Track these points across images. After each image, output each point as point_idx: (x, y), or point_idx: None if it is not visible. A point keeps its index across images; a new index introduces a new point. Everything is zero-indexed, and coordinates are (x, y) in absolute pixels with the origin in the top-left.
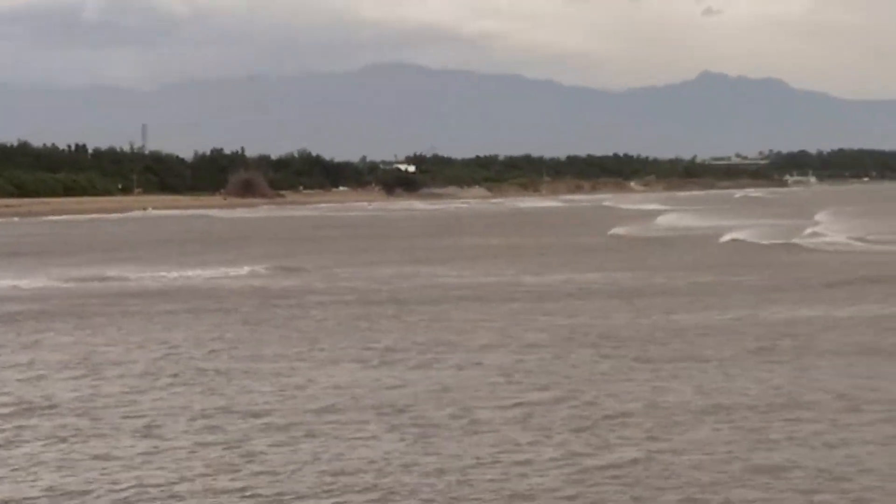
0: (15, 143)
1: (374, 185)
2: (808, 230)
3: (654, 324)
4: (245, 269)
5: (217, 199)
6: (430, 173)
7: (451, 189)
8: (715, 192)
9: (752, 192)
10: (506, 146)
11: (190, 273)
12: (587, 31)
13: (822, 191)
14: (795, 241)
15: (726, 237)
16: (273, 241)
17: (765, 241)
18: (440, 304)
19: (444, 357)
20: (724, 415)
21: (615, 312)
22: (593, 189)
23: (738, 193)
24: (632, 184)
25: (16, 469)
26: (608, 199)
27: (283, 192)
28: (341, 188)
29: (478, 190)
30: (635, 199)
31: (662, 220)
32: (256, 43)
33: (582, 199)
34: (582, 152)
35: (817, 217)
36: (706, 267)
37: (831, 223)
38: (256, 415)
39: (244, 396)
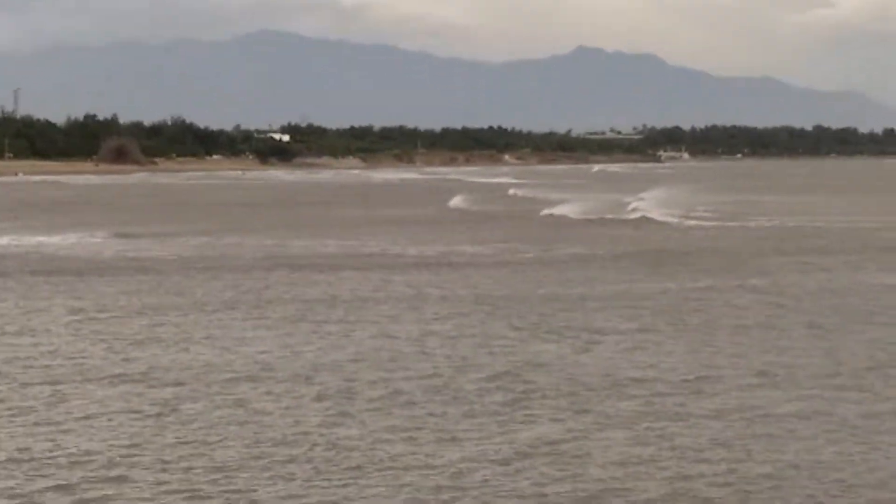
0: None
1: (248, 153)
2: (632, 206)
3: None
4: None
5: (89, 164)
6: (306, 143)
7: (325, 159)
8: (580, 167)
9: (612, 167)
10: (381, 117)
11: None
12: (465, 3)
13: (689, 167)
14: (611, 216)
15: (546, 211)
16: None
17: (580, 216)
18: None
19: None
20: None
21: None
22: (467, 161)
23: (597, 168)
24: (506, 157)
25: None
26: (475, 171)
27: (156, 160)
28: (215, 156)
29: (352, 160)
30: (500, 173)
31: (508, 194)
32: (132, 10)
33: (448, 172)
34: (457, 124)
35: (651, 193)
36: (503, 240)
37: (659, 199)
38: None
39: None
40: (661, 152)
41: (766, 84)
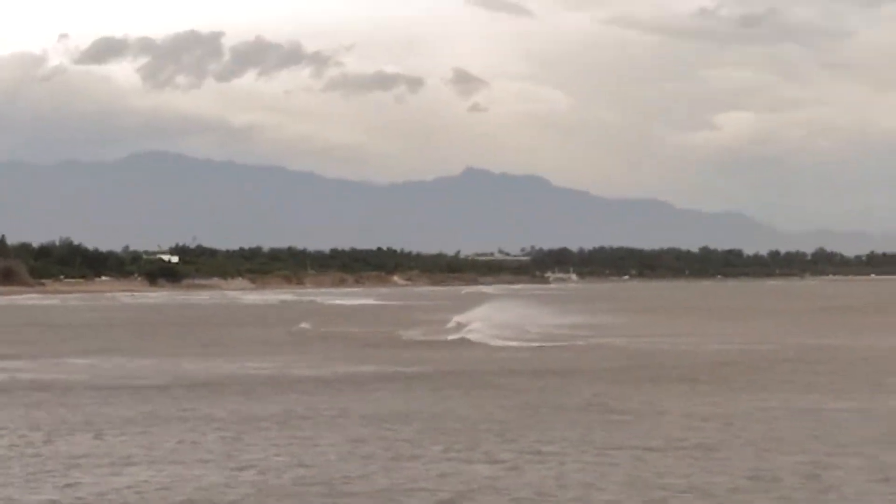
0: None
1: (137, 275)
2: (467, 327)
3: None
4: None
5: None
6: (195, 264)
7: (214, 280)
8: (448, 289)
9: (485, 289)
10: (270, 238)
11: None
12: (353, 125)
13: (572, 288)
14: (440, 337)
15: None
16: None
17: (417, 338)
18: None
19: None
20: None
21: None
22: (357, 283)
23: (466, 290)
24: (395, 278)
25: None
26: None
27: (44, 281)
28: (104, 278)
29: (241, 281)
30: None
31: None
32: (18, 131)
33: (312, 293)
34: (346, 245)
35: (500, 315)
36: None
37: (502, 320)
38: None
39: None
40: (549, 274)
41: (652, 205)
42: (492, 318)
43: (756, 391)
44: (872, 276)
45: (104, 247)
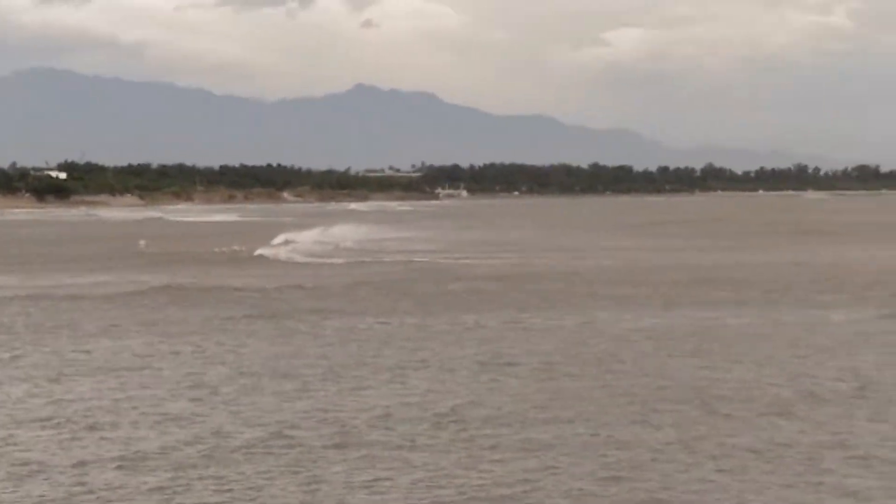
0: None
1: (24, 191)
2: (287, 245)
3: None
4: None
5: None
6: (83, 181)
7: (103, 197)
8: (333, 206)
9: (358, 206)
10: (160, 154)
11: None
12: (244, 41)
13: (458, 204)
14: (249, 254)
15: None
16: None
17: (224, 255)
18: None
19: None
20: None
21: None
22: (246, 199)
23: (352, 206)
24: (285, 194)
25: None
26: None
27: None
28: None
29: (130, 198)
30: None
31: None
32: None
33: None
34: (236, 162)
35: (333, 230)
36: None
37: (323, 237)
38: None
39: None
40: (439, 190)
41: (543, 122)
42: (324, 236)
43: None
44: (760, 191)
45: None
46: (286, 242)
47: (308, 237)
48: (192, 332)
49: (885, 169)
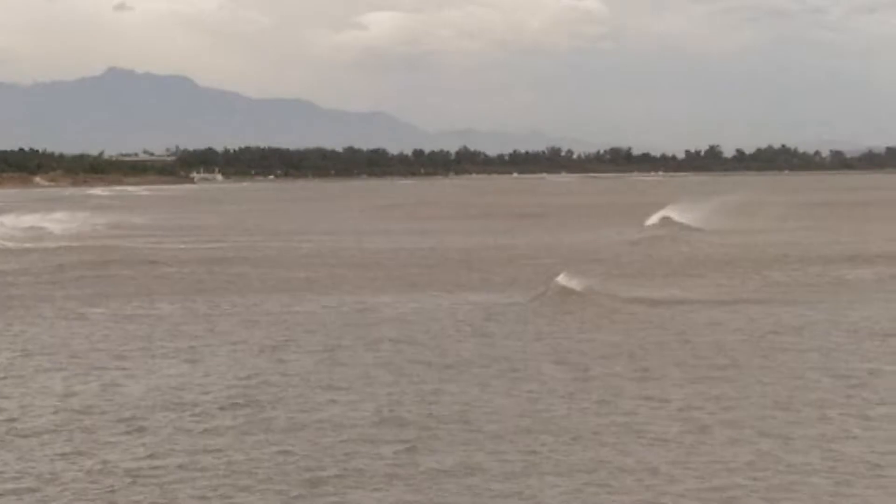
0: None
1: None
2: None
3: None
4: None
5: None
6: None
7: None
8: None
9: (101, 192)
10: None
11: None
12: None
13: (210, 188)
14: None
15: None
16: None
17: None
18: None
19: None
20: None
21: None
22: None
23: (93, 192)
24: (37, 178)
25: None
26: None
27: None
28: None
29: None
30: None
31: None
32: None
33: None
34: None
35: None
36: None
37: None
38: None
39: None
40: (194, 174)
41: (299, 105)
42: (41, 222)
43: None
44: (515, 174)
45: None
46: None
47: (23, 222)
48: None
49: (637, 152)
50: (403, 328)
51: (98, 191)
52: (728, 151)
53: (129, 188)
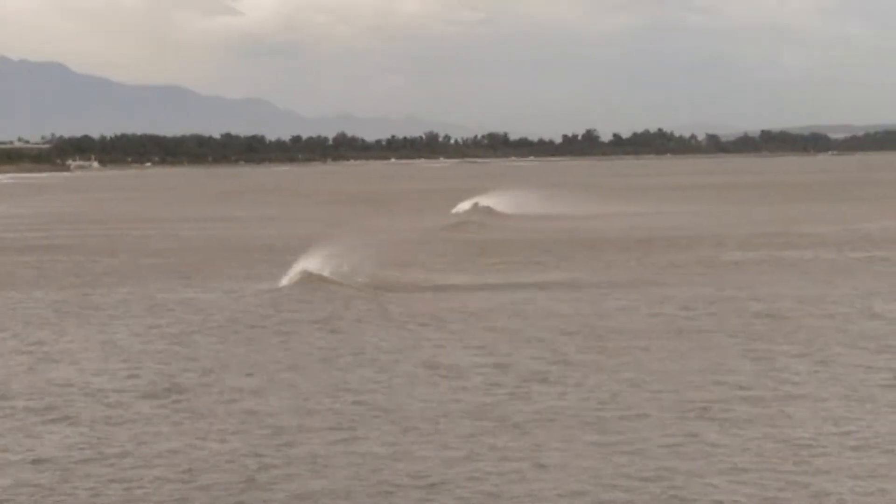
0: None
1: None
2: None
3: None
4: None
5: None
6: None
7: None
8: None
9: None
10: None
11: None
12: None
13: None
14: None
15: None
16: None
17: None
18: None
19: None
20: None
21: None
22: None
23: None
24: None
25: None
26: None
27: None
28: None
29: None
30: None
31: None
32: None
33: None
34: None
35: None
36: None
37: None
38: None
39: None
40: (70, 162)
41: (175, 92)
42: None
43: None
44: (393, 160)
45: None
46: None
47: None
48: None
49: (513, 136)
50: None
51: None
52: (605, 136)
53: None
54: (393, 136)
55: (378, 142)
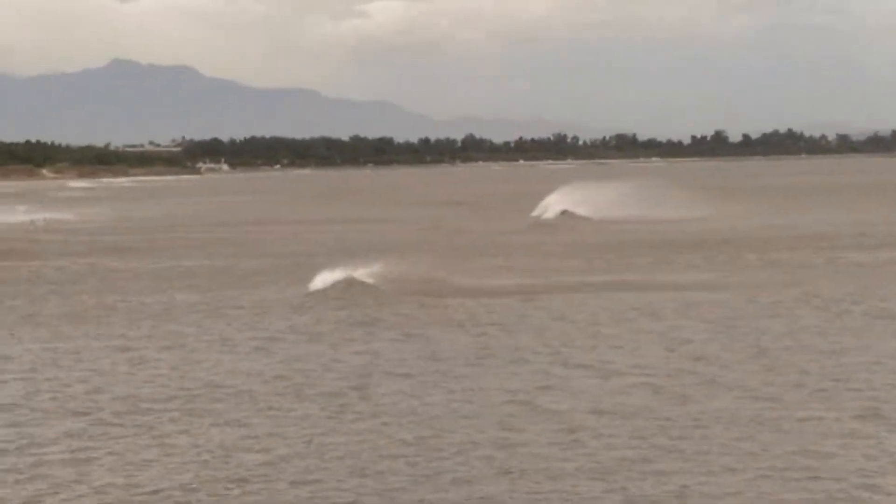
0: None
1: None
2: None
3: None
4: None
5: None
6: None
7: None
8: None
9: (81, 184)
10: None
11: None
12: None
13: (216, 179)
14: None
15: None
16: None
17: None
18: None
19: None
20: None
21: None
22: (4, 176)
23: (74, 184)
24: (44, 171)
25: None
26: None
27: None
28: None
29: None
30: None
31: None
32: None
33: None
34: None
35: None
36: None
37: None
38: None
39: None
40: (200, 164)
41: (303, 95)
42: None
43: None
44: (521, 161)
45: None
46: None
47: None
48: None
49: (642, 137)
50: None
51: (79, 184)
52: (733, 136)
53: (116, 180)
54: (521, 138)
55: (506, 143)
